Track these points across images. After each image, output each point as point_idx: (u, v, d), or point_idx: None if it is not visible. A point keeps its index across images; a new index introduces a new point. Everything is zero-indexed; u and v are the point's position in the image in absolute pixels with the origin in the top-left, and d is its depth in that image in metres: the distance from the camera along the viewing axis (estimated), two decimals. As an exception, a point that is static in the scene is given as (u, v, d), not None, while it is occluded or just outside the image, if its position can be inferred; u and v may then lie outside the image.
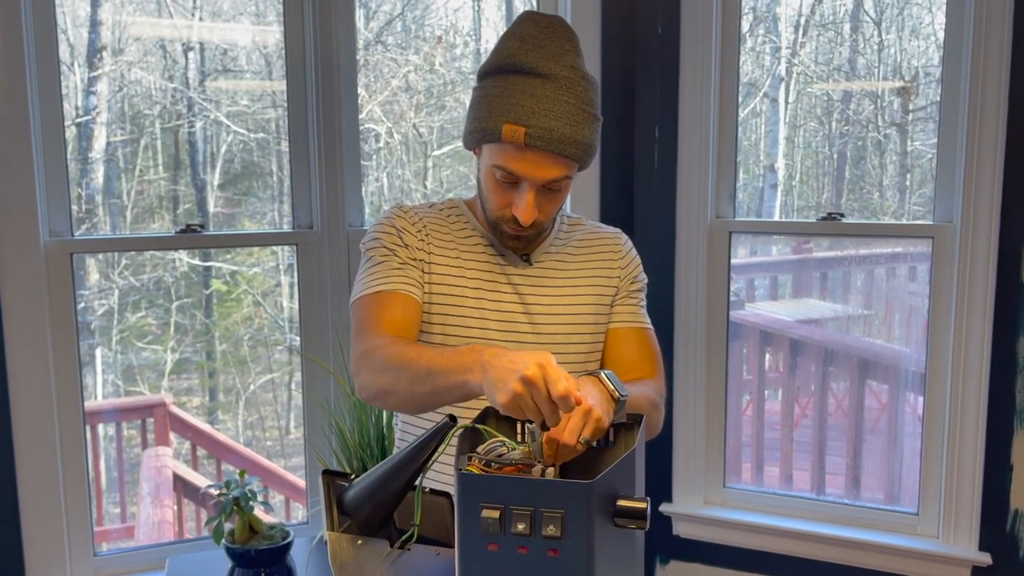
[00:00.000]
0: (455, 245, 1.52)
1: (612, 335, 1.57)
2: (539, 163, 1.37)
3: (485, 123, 1.38)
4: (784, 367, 3.43)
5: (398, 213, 1.53)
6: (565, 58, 1.39)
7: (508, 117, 1.35)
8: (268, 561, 1.65)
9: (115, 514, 4.52)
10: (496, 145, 1.39)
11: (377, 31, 4.36)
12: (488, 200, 1.46)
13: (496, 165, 1.39)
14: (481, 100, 1.41)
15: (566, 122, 1.35)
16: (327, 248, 2.29)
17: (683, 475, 2.54)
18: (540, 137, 1.34)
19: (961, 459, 2.26)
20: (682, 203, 2.45)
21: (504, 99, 1.36)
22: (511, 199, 1.42)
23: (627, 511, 1.05)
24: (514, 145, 1.36)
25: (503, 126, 1.35)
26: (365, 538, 1.24)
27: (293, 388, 5.53)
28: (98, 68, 4.27)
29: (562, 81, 1.36)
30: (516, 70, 1.37)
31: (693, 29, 2.39)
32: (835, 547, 2.40)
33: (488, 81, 1.41)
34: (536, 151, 1.35)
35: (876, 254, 2.94)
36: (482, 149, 1.44)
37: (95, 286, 4.93)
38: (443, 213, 1.57)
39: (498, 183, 1.42)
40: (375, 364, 1.35)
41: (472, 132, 1.43)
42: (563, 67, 1.37)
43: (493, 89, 1.39)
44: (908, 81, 2.93)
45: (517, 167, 1.37)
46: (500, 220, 1.45)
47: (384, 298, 1.44)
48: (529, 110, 1.34)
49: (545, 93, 1.35)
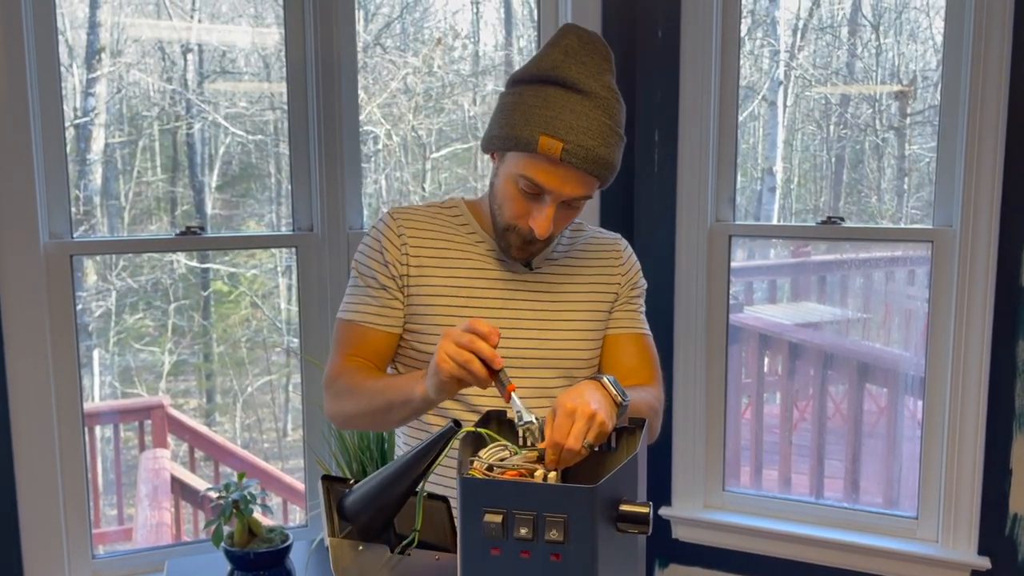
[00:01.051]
0: (450, 248, 1.52)
1: (611, 341, 1.57)
2: (568, 179, 1.37)
3: (520, 131, 1.36)
4: (783, 370, 3.43)
5: (388, 222, 1.52)
6: (603, 77, 1.39)
7: (546, 130, 1.34)
8: (267, 564, 1.65)
9: (112, 516, 4.51)
10: (527, 155, 1.37)
11: (376, 33, 4.36)
12: (503, 207, 1.45)
13: (523, 175, 1.38)
14: (516, 107, 1.39)
15: (600, 142, 1.35)
16: (327, 250, 2.29)
17: (682, 479, 2.54)
18: (576, 154, 1.33)
19: (960, 463, 2.26)
20: (682, 206, 2.46)
21: (542, 110, 1.35)
22: (529, 210, 1.41)
23: (630, 515, 1.04)
24: (547, 158, 1.35)
25: (540, 137, 1.34)
26: (366, 544, 1.24)
27: (291, 390, 5.53)
28: (97, 70, 4.26)
29: (600, 100, 1.36)
30: (557, 82, 1.36)
31: (693, 33, 2.39)
32: (834, 551, 2.40)
33: (524, 88, 1.39)
34: (569, 167, 1.35)
35: (875, 258, 2.94)
36: (506, 156, 1.42)
37: (93, 288, 4.92)
38: (443, 215, 1.56)
39: (519, 192, 1.40)
40: (335, 392, 1.47)
41: (502, 137, 1.40)
42: (601, 86, 1.38)
43: (530, 98, 1.37)
44: (906, 85, 2.94)
45: (546, 180, 1.37)
46: (512, 229, 1.44)
47: (353, 329, 1.51)
48: (568, 125, 1.34)
49: (584, 111, 1.35)
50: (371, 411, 1.41)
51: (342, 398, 1.45)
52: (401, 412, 1.37)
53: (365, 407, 1.41)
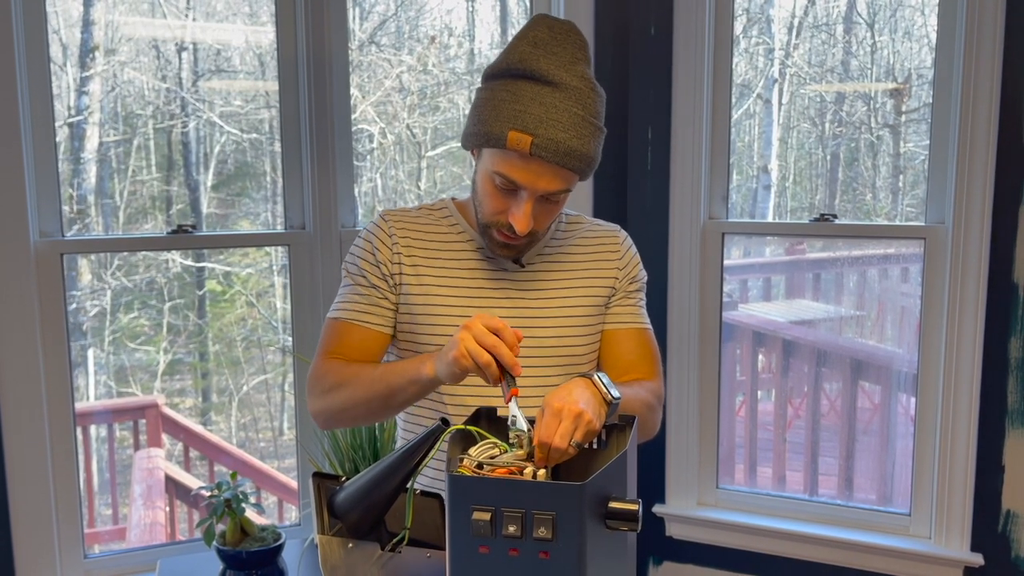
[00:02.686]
0: (441, 248, 1.51)
1: (611, 336, 1.55)
2: (542, 174, 1.35)
3: (489, 127, 1.35)
4: (777, 368, 3.43)
5: (380, 224, 1.52)
6: (576, 67, 1.36)
7: (514, 124, 1.32)
8: (259, 563, 1.65)
9: (107, 516, 4.51)
10: (499, 151, 1.36)
11: (371, 31, 4.36)
12: (482, 204, 1.44)
13: (496, 171, 1.37)
14: (487, 102, 1.37)
15: (573, 134, 1.33)
16: (319, 249, 2.29)
17: (676, 476, 2.54)
18: (546, 148, 1.32)
19: (953, 460, 2.26)
20: (675, 204, 2.45)
21: (511, 105, 1.33)
22: (507, 206, 1.40)
23: (619, 513, 1.04)
24: (518, 153, 1.33)
25: (509, 133, 1.32)
26: (356, 541, 1.24)
27: (287, 389, 5.52)
28: (90, 68, 4.25)
29: (572, 91, 1.34)
30: (526, 75, 1.34)
31: (686, 31, 2.39)
32: (828, 548, 2.41)
33: (495, 83, 1.38)
34: (540, 161, 1.33)
35: (868, 255, 2.94)
36: (482, 152, 1.42)
37: (87, 287, 4.91)
38: (432, 216, 1.55)
39: (496, 189, 1.39)
40: (324, 388, 1.43)
41: (474, 134, 1.39)
42: (574, 76, 1.35)
43: (500, 93, 1.36)
44: (901, 83, 2.94)
45: (519, 176, 1.35)
46: (492, 225, 1.43)
47: (342, 327, 1.49)
48: (537, 119, 1.32)
49: (554, 103, 1.32)
50: (367, 399, 1.38)
51: (331, 393, 1.42)
52: (404, 395, 1.35)
53: (361, 396, 1.38)
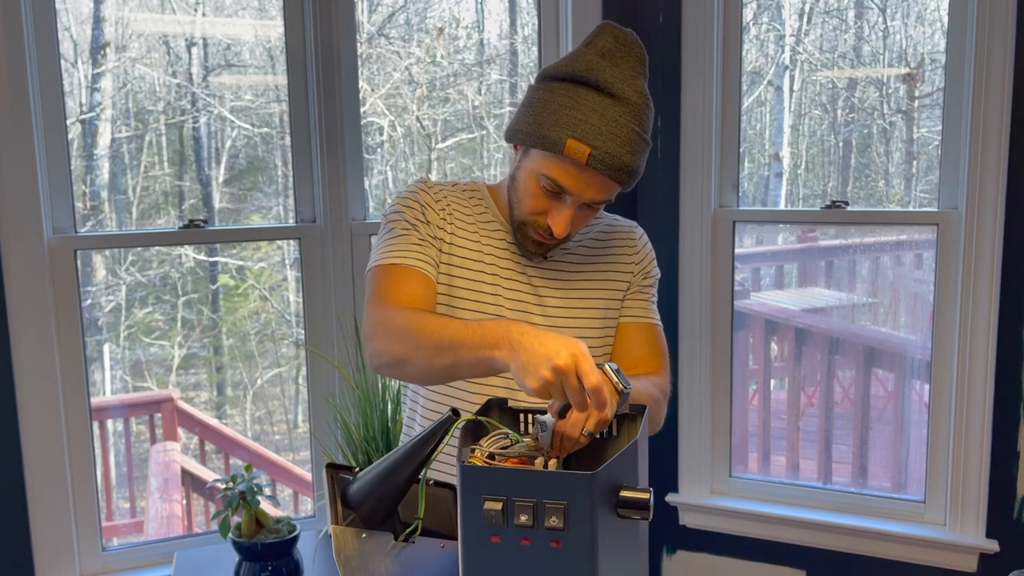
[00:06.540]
0: (476, 229, 1.52)
1: (621, 329, 1.57)
2: (592, 183, 1.36)
3: (547, 131, 1.35)
4: (790, 356, 3.42)
5: (422, 187, 1.52)
6: (636, 81, 1.37)
7: (574, 132, 1.32)
8: (275, 554, 1.66)
9: (125, 509, 4.55)
10: (553, 156, 1.36)
11: (380, 24, 4.36)
12: (522, 202, 1.44)
13: (545, 174, 1.38)
14: (545, 104, 1.37)
15: (628, 149, 1.34)
16: (330, 242, 2.29)
17: (689, 465, 2.54)
18: (603, 160, 1.32)
19: (968, 446, 2.25)
20: (685, 193, 2.45)
21: (572, 112, 1.34)
22: (548, 208, 1.41)
23: (630, 501, 1.04)
24: (572, 161, 1.34)
25: (567, 140, 1.33)
26: (369, 531, 1.24)
27: (300, 382, 5.55)
28: (102, 64, 4.27)
29: (631, 106, 1.34)
30: (590, 84, 1.34)
31: (695, 18, 2.38)
32: (842, 536, 2.40)
33: (556, 86, 1.38)
34: (593, 172, 1.34)
35: (881, 242, 2.93)
36: (530, 151, 1.41)
37: (102, 282, 4.94)
38: (466, 194, 1.56)
39: (540, 189, 1.40)
40: (393, 332, 1.32)
41: (528, 133, 1.39)
42: (634, 91, 1.35)
43: (561, 97, 1.36)
44: (914, 68, 2.92)
45: (569, 183, 1.36)
46: (529, 224, 1.44)
47: (402, 272, 1.43)
48: (597, 130, 1.32)
49: (615, 116, 1.33)
50: (428, 365, 1.27)
51: (401, 341, 1.30)
52: (466, 373, 1.27)
53: (423, 360, 1.27)
